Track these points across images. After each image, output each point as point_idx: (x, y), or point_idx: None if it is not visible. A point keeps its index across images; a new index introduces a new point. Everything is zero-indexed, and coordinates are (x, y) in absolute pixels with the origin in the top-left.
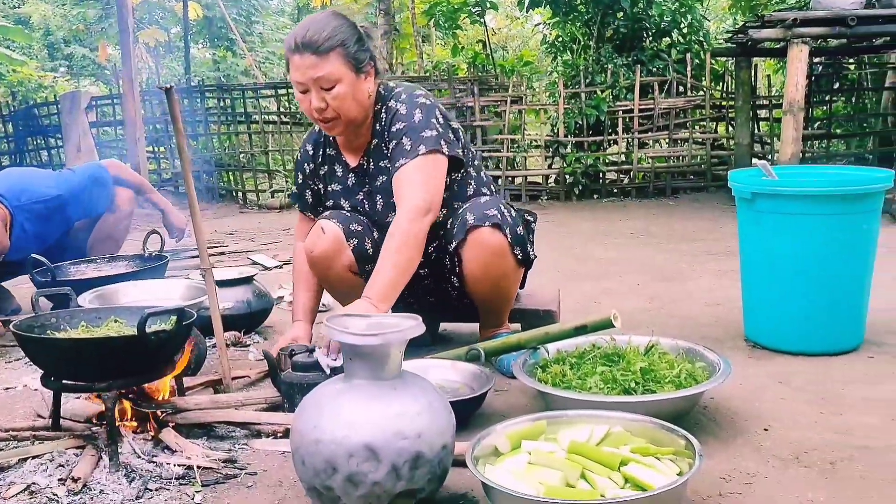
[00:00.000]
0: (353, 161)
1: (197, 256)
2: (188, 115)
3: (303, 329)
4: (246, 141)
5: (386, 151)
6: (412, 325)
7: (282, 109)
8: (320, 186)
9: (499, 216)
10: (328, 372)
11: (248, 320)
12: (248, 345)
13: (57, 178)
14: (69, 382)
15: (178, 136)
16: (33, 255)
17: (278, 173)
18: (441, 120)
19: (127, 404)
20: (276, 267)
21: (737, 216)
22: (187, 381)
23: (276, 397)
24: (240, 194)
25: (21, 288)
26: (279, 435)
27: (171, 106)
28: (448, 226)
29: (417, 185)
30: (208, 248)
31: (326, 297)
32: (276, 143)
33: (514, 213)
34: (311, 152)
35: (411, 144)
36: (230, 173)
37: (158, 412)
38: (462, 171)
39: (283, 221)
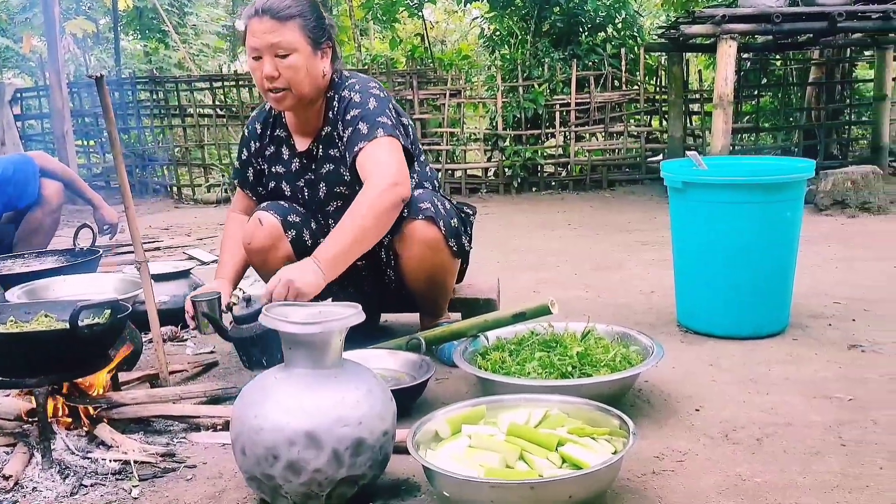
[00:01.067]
0: (302, 145)
1: (131, 252)
2: (119, 108)
3: (221, 286)
4: (180, 135)
5: (337, 140)
6: (352, 313)
7: (217, 102)
8: (264, 167)
9: (432, 209)
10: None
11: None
12: (186, 339)
13: None
14: None
15: (110, 126)
16: None
17: (214, 167)
18: (393, 114)
19: (60, 400)
20: (213, 262)
21: (669, 206)
22: (123, 376)
23: (216, 391)
24: (175, 189)
25: None
26: (218, 427)
27: (102, 95)
28: None
29: (384, 161)
30: (143, 243)
31: None
32: (211, 136)
33: (448, 206)
34: (258, 130)
35: (368, 128)
36: (164, 168)
37: (92, 408)
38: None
39: (220, 216)
